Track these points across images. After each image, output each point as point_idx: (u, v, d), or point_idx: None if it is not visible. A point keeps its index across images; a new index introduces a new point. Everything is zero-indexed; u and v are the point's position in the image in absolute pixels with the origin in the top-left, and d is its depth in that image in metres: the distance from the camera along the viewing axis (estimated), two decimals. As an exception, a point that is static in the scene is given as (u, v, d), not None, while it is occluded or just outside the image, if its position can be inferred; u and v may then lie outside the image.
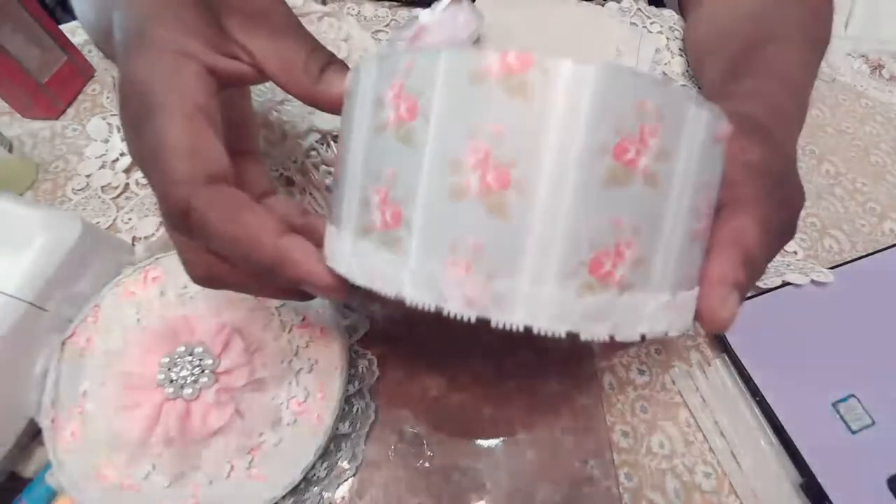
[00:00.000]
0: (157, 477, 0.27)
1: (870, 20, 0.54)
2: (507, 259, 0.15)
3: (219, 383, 0.28)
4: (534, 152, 0.14)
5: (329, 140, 0.35)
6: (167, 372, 0.27)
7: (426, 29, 0.42)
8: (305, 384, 0.30)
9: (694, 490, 0.30)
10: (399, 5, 0.51)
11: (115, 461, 0.27)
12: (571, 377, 0.30)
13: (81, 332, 0.30)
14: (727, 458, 0.31)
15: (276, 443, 0.28)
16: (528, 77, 0.14)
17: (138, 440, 0.26)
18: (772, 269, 0.38)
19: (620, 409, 0.33)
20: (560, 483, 0.30)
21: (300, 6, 0.39)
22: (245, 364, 0.28)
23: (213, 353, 0.28)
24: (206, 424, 0.27)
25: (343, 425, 0.30)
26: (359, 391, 0.31)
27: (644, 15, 0.52)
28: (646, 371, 0.34)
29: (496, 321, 0.15)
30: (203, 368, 0.27)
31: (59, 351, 0.29)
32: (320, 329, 0.31)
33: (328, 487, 0.29)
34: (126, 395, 0.27)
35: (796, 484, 0.30)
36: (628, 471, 0.31)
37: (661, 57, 0.49)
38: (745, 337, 0.34)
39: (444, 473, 0.30)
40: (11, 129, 0.42)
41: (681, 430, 0.32)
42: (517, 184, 0.14)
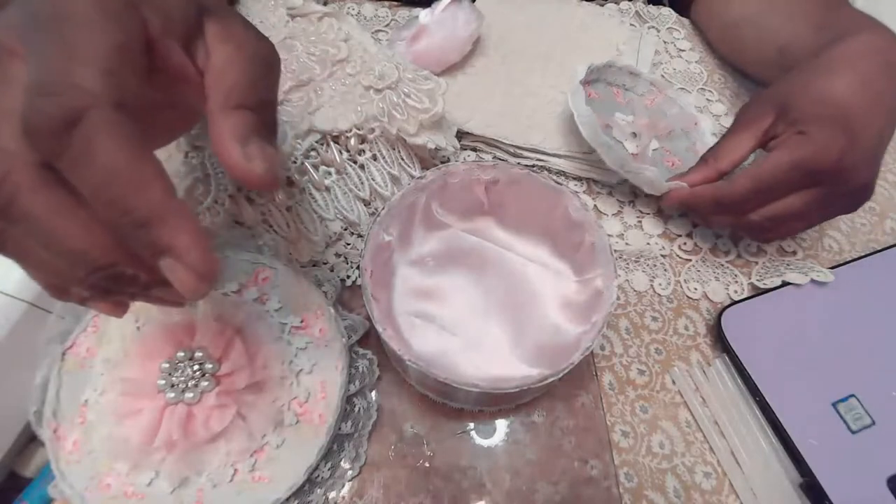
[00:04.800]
0: (160, 483, 0.27)
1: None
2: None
3: (220, 386, 0.28)
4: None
5: (329, 140, 0.35)
6: (168, 377, 0.27)
7: (426, 29, 0.42)
8: (306, 385, 0.30)
9: (694, 490, 0.30)
10: (399, 5, 0.51)
11: (118, 469, 0.27)
12: (571, 377, 0.30)
13: (81, 342, 0.30)
14: (727, 458, 0.31)
15: (278, 444, 0.28)
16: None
17: (141, 446, 0.26)
18: (772, 268, 0.38)
19: (620, 409, 0.33)
20: (560, 483, 0.30)
21: (300, 6, 0.39)
22: (246, 366, 0.28)
23: (214, 357, 0.28)
24: (208, 428, 0.27)
25: (345, 425, 0.30)
26: (360, 391, 0.31)
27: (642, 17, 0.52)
28: (646, 371, 0.34)
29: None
30: (204, 372, 0.27)
31: (60, 361, 0.29)
32: (319, 329, 0.31)
33: (332, 488, 0.29)
34: (127, 401, 0.27)
35: (796, 484, 0.30)
36: (628, 471, 0.31)
37: (660, 57, 0.49)
38: (745, 337, 0.34)
39: (444, 473, 0.30)
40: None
41: (681, 430, 0.32)
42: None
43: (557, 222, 0.33)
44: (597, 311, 0.29)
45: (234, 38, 0.22)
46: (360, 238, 0.37)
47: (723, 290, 0.37)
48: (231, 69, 0.21)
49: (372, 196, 0.37)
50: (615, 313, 0.36)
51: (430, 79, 0.37)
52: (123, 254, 0.20)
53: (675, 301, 0.37)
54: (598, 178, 0.41)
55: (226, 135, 0.20)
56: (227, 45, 0.22)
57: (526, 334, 0.32)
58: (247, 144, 0.20)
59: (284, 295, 0.32)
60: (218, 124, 0.20)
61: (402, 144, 0.37)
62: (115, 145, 0.17)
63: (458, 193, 0.34)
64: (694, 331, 0.36)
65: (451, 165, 0.33)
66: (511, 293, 0.34)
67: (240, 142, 0.20)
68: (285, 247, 0.34)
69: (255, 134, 0.21)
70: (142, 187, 0.17)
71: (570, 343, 0.30)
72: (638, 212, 0.40)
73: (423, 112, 0.36)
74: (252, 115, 0.21)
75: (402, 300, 0.33)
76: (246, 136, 0.20)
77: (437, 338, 0.32)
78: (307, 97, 0.35)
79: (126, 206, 0.17)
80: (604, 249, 0.30)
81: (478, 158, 0.42)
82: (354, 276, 0.36)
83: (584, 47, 0.47)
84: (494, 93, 0.43)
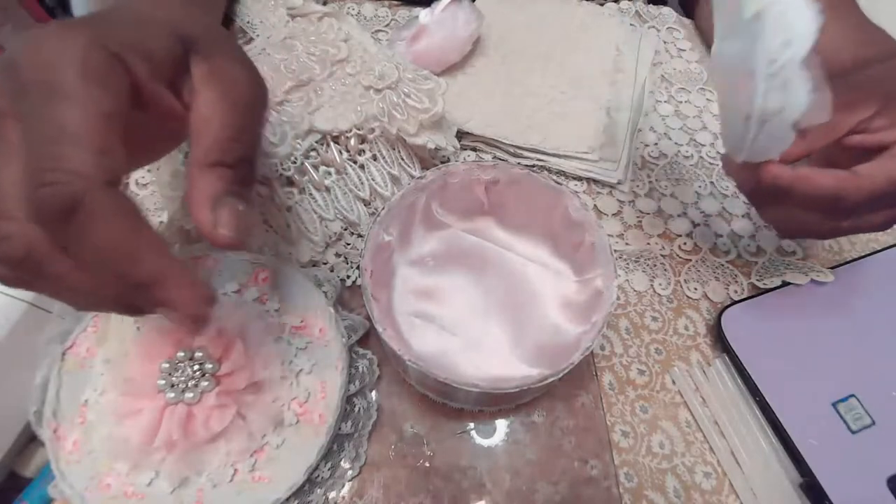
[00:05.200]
0: (160, 483, 0.27)
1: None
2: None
3: (220, 386, 0.28)
4: None
5: (329, 140, 0.35)
6: (168, 377, 0.27)
7: (426, 29, 0.42)
8: (306, 385, 0.30)
9: (694, 490, 0.30)
10: (399, 5, 0.51)
11: (118, 469, 0.27)
12: (571, 377, 0.30)
13: (81, 342, 0.30)
14: (727, 458, 0.31)
15: (278, 444, 0.28)
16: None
17: (141, 446, 0.26)
18: (772, 268, 0.38)
19: (620, 409, 0.33)
20: (560, 483, 0.30)
21: (300, 6, 0.39)
22: (246, 366, 0.28)
23: (214, 357, 0.28)
24: (208, 428, 0.27)
25: (345, 425, 0.30)
26: (360, 391, 0.31)
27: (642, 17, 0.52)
28: (646, 371, 0.34)
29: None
30: (204, 372, 0.27)
31: (60, 361, 0.29)
32: (319, 329, 0.31)
33: (332, 488, 0.29)
34: (127, 402, 0.27)
35: (796, 484, 0.30)
36: (628, 471, 0.31)
37: (660, 57, 0.49)
38: (745, 337, 0.34)
39: (444, 473, 0.30)
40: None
41: (681, 430, 0.32)
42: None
43: (557, 222, 0.33)
44: (597, 311, 0.29)
45: (220, 79, 0.22)
46: (360, 238, 0.37)
47: (723, 290, 0.37)
48: (215, 119, 0.21)
49: (372, 196, 0.37)
50: (615, 313, 0.36)
51: (430, 79, 0.37)
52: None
53: (675, 301, 0.37)
54: (599, 178, 0.41)
55: (198, 196, 0.21)
56: (212, 89, 0.22)
57: (526, 334, 0.32)
58: (218, 206, 0.21)
59: (284, 295, 0.32)
60: (193, 180, 0.21)
61: (402, 144, 0.37)
62: (111, 225, 0.18)
63: (458, 193, 0.34)
64: (694, 331, 0.36)
65: (451, 165, 0.33)
66: (511, 293, 0.34)
67: (210, 204, 0.21)
68: (285, 247, 0.34)
69: (229, 193, 0.21)
70: (138, 257, 0.19)
71: (570, 343, 0.30)
72: (638, 212, 0.40)
73: (423, 112, 0.36)
74: (229, 172, 0.21)
75: (402, 300, 0.33)
76: (218, 198, 0.21)
77: (437, 338, 0.32)
78: (307, 97, 0.35)
79: (125, 275, 0.19)
80: (604, 249, 0.30)
81: (478, 158, 0.42)
82: (354, 276, 0.36)
83: (584, 47, 0.47)
84: (494, 93, 0.43)
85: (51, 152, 0.18)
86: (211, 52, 0.22)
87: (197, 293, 0.21)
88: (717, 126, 0.45)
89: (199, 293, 0.21)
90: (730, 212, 0.40)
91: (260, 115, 0.24)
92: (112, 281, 0.20)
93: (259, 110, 0.24)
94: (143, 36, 0.21)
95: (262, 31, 0.40)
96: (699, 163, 0.43)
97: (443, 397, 0.31)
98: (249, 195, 0.23)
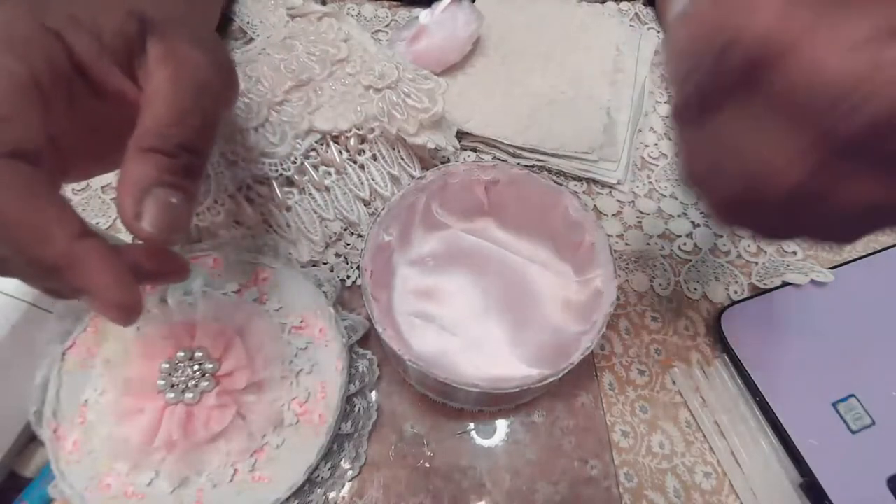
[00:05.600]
0: (160, 483, 0.27)
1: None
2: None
3: (220, 386, 0.28)
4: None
5: (329, 140, 0.35)
6: (168, 377, 0.27)
7: (426, 29, 0.42)
8: (306, 385, 0.30)
9: (694, 490, 0.30)
10: (399, 5, 0.51)
11: (118, 469, 0.27)
12: (571, 377, 0.30)
13: (81, 342, 0.30)
14: (727, 458, 0.31)
15: (278, 444, 0.28)
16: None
17: (141, 446, 0.26)
18: (772, 269, 0.38)
19: (620, 409, 0.33)
20: (560, 483, 0.30)
21: (300, 6, 0.39)
22: (246, 366, 0.28)
23: (214, 357, 0.28)
24: (208, 428, 0.27)
25: (345, 425, 0.30)
26: (360, 391, 0.31)
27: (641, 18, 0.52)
28: (646, 371, 0.34)
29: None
30: (204, 372, 0.27)
31: (60, 361, 0.29)
32: (319, 329, 0.31)
33: (332, 488, 0.29)
34: (127, 402, 0.27)
35: (796, 484, 0.30)
36: (628, 471, 0.31)
37: (660, 57, 0.49)
38: (745, 337, 0.34)
39: (444, 473, 0.30)
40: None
41: (681, 430, 0.32)
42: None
43: (557, 222, 0.33)
44: (597, 311, 0.29)
45: (175, 60, 0.20)
46: (360, 238, 0.37)
47: (723, 290, 0.37)
48: (159, 100, 0.20)
49: (372, 196, 0.37)
50: (615, 313, 0.36)
51: (429, 78, 0.37)
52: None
53: (675, 301, 0.37)
54: (599, 178, 0.41)
55: (125, 180, 0.19)
56: (167, 68, 0.20)
57: (526, 334, 0.32)
58: (146, 197, 0.19)
59: (284, 295, 0.32)
60: (124, 164, 0.19)
61: (402, 144, 0.37)
62: (10, 198, 0.17)
63: (458, 193, 0.34)
64: (694, 331, 0.36)
65: (451, 165, 0.33)
66: (511, 293, 0.34)
67: (137, 193, 0.19)
68: (285, 247, 0.34)
69: (161, 183, 0.19)
70: (42, 237, 0.17)
71: (570, 343, 0.30)
72: (638, 212, 0.40)
73: (422, 112, 0.36)
74: (164, 160, 0.19)
75: (402, 300, 0.33)
76: (146, 188, 0.19)
77: (437, 338, 0.32)
78: (307, 97, 0.35)
79: (31, 256, 0.17)
80: (604, 249, 0.30)
81: (478, 158, 0.42)
82: (354, 276, 0.36)
83: (584, 47, 0.47)
84: (494, 93, 0.43)
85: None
86: (169, 34, 0.21)
87: (120, 278, 0.19)
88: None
89: (123, 278, 0.19)
90: (730, 212, 0.40)
91: (217, 100, 0.22)
92: (23, 263, 0.18)
93: (216, 95, 0.22)
94: (92, 13, 0.19)
95: (262, 31, 0.40)
96: (699, 163, 0.43)
97: (443, 397, 0.31)
98: (192, 188, 0.21)
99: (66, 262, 0.18)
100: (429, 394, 0.32)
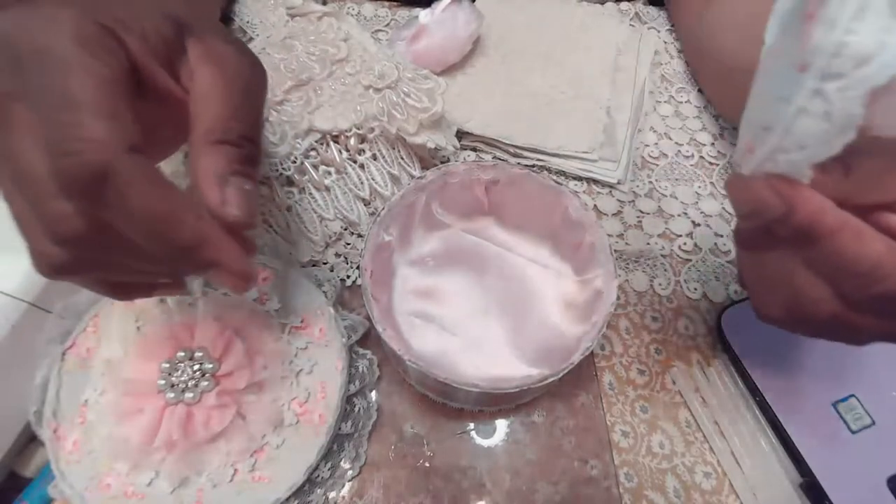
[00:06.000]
0: (160, 483, 0.27)
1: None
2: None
3: (220, 386, 0.28)
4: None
5: (329, 139, 0.35)
6: (168, 377, 0.27)
7: (426, 29, 0.42)
8: (306, 385, 0.30)
9: (694, 490, 0.30)
10: (399, 5, 0.51)
11: (118, 469, 0.27)
12: (571, 377, 0.30)
13: (81, 342, 0.30)
14: (727, 458, 0.31)
15: (278, 444, 0.28)
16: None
17: (141, 446, 0.26)
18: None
19: (620, 409, 0.33)
20: (560, 483, 0.30)
21: (300, 6, 0.39)
22: (245, 366, 0.28)
23: (214, 357, 0.28)
24: (208, 428, 0.27)
25: (345, 425, 0.30)
26: (360, 391, 0.31)
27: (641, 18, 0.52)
28: (646, 371, 0.34)
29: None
30: (204, 372, 0.27)
31: (60, 361, 0.29)
32: (319, 329, 0.31)
33: (332, 488, 0.29)
34: (127, 402, 0.27)
35: (796, 484, 0.30)
36: (628, 471, 0.31)
37: (660, 57, 0.49)
38: (745, 337, 0.34)
39: (444, 473, 0.30)
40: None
41: (681, 430, 0.32)
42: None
43: (557, 222, 0.33)
44: (597, 311, 0.29)
45: (216, 59, 0.22)
46: (360, 238, 0.37)
47: (723, 290, 0.37)
48: (213, 97, 0.21)
49: (372, 196, 0.37)
50: (615, 313, 0.36)
51: (429, 78, 0.37)
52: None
53: (675, 301, 0.37)
54: (599, 178, 0.41)
55: (204, 173, 0.20)
56: (210, 67, 0.21)
57: (526, 334, 0.32)
58: (225, 185, 0.20)
59: (284, 295, 0.32)
60: (198, 160, 0.21)
61: (402, 144, 0.37)
62: (145, 190, 0.18)
63: (458, 193, 0.34)
64: (694, 331, 0.36)
65: (451, 165, 0.33)
66: (511, 293, 0.34)
67: (218, 182, 0.20)
68: (285, 247, 0.34)
69: (235, 172, 0.21)
70: (179, 220, 0.19)
71: (570, 343, 0.30)
72: (638, 212, 0.40)
73: (422, 111, 0.36)
74: (233, 150, 0.21)
75: (402, 300, 0.33)
76: (225, 177, 0.20)
77: (437, 338, 0.32)
78: (307, 96, 0.35)
79: (169, 240, 0.19)
80: (604, 249, 0.30)
81: (478, 158, 0.42)
82: (354, 276, 0.36)
83: (584, 47, 0.47)
84: (494, 93, 0.43)
85: (63, 120, 0.17)
86: (205, 34, 0.22)
87: (241, 248, 0.21)
88: (717, 127, 0.45)
89: (243, 248, 0.21)
90: (730, 212, 0.40)
91: (258, 95, 0.24)
92: (162, 247, 0.19)
93: (257, 91, 0.23)
94: (134, 14, 0.20)
95: (262, 30, 0.40)
96: (699, 163, 0.43)
97: (443, 397, 0.31)
98: (255, 174, 0.23)
99: (199, 241, 0.20)
100: (429, 394, 0.32)
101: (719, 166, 0.43)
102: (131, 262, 0.21)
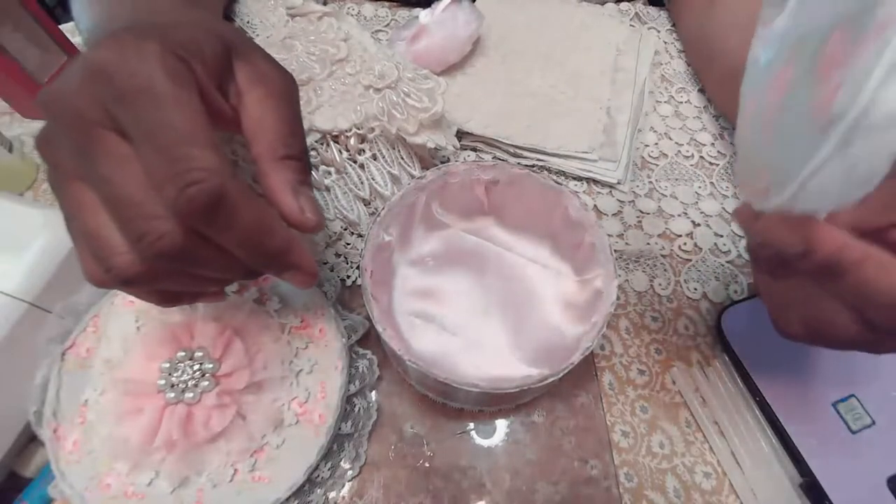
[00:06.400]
0: (160, 483, 0.27)
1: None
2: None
3: (220, 386, 0.28)
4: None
5: (329, 139, 0.35)
6: (168, 377, 0.27)
7: (426, 29, 0.42)
8: (306, 385, 0.30)
9: (694, 490, 0.30)
10: (399, 5, 0.51)
11: (118, 469, 0.27)
12: (571, 377, 0.30)
13: (81, 342, 0.30)
14: (727, 458, 0.31)
15: (278, 444, 0.28)
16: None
17: (141, 446, 0.26)
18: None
19: (620, 409, 0.33)
20: (560, 483, 0.30)
21: (300, 6, 0.39)
22: (245, 366, 0.28)
23: (214, 357, 0.28)
24: (208, 428, 0.27)
25: (345, 425, 0.30)
26: (360, 391, 0.31)
27: (641, 18, 0.52)
28: (646, 371, 0.34)
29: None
30: (204, 372, 0.27)
31: (60, 361, 0.29)
32: (319, 329, 0.31)
33: (332, 488, 0.29)
34: (127, 401, 0.27)
35: (796, 484, 0.30)
36: (628, 471, 0.31)
37: (660, 57, 0.49)
38: (745, 337, 0.34)
39: (444, 473, 0.30)
40: (11, 129, 0.42)
41: (681, 430, 0.32)
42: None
43: (557, 222, 0.33)
44: (597, 311, 0.29)
45: (263, 78, 0.23)
46: (360, 238, 0.37)
47: (723, 290, 0.37)
48: (269, 117, 0.23)
49: (372, 196, 0.37)
50: (615, 313, 0.36)
51: (429, 78, 0.37)
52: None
53: (675, 301, 0.37)
54: (599, 178, 0.41)
55: (280, 187, 0.23)
56: (260, 87, 0.23)
57: (526, 334, 0.32)
58: (299, 195, 0.23)
59: (284, 295, 0.32)
60: (270, 176, 0.23)
61: (402, 144, 0.37)
62: (250, 208, 0.20)
63: (458, 193, 0.34)
64: (694, 331, 0.36)
65: (451, 165, 0.33)
66: (511, 293, 0.34)
67: (293, 194, 0.23)
68: (285, 247, 0.34)
69: (302, 182, 0.23)
70: (274, 230, 0.22)
71: (570, 343, 0.30)
72: (638, 212, 0.40)
73: (422, 111, 0.36)
74: (297, 163, 0.23)
75: (402, 300, 0.33)
76: (295, 188, 0.23)
77: (437, 338, 0.32)
78: (307, 96, 0.35)
79: (265, 248, 0.22)
80: (604, 249, 0.30)
81: (478, 158, 0.42)
82: (354, 276, 0.36)
83: (584, 47, 0.47)
84: (494, 93, 0.43)
85: (180, 154, 0.19)
86: (248, 53, 0.23)
87: (311, 255, 0.24)
88: (717, 127, 0.45)
89: (311, 254, 0.24)
90: (730, 212, 0.40)
91: (300, 108, 0.25)
92: (256, 255, 0.22)
93: (298, 103, 0.25)
94: (195, 39, 0.21)
95: (262, 30, 0.40)
96: (699, 163, 0.43)
97: (443, 397, 0.31)
98: (311, 182, 0.25)
99: (288, 247, 0.22)
100: (429, 394, 0.32)
101: (719, 166, 0.43)
102: (211, 271, 0.22)
